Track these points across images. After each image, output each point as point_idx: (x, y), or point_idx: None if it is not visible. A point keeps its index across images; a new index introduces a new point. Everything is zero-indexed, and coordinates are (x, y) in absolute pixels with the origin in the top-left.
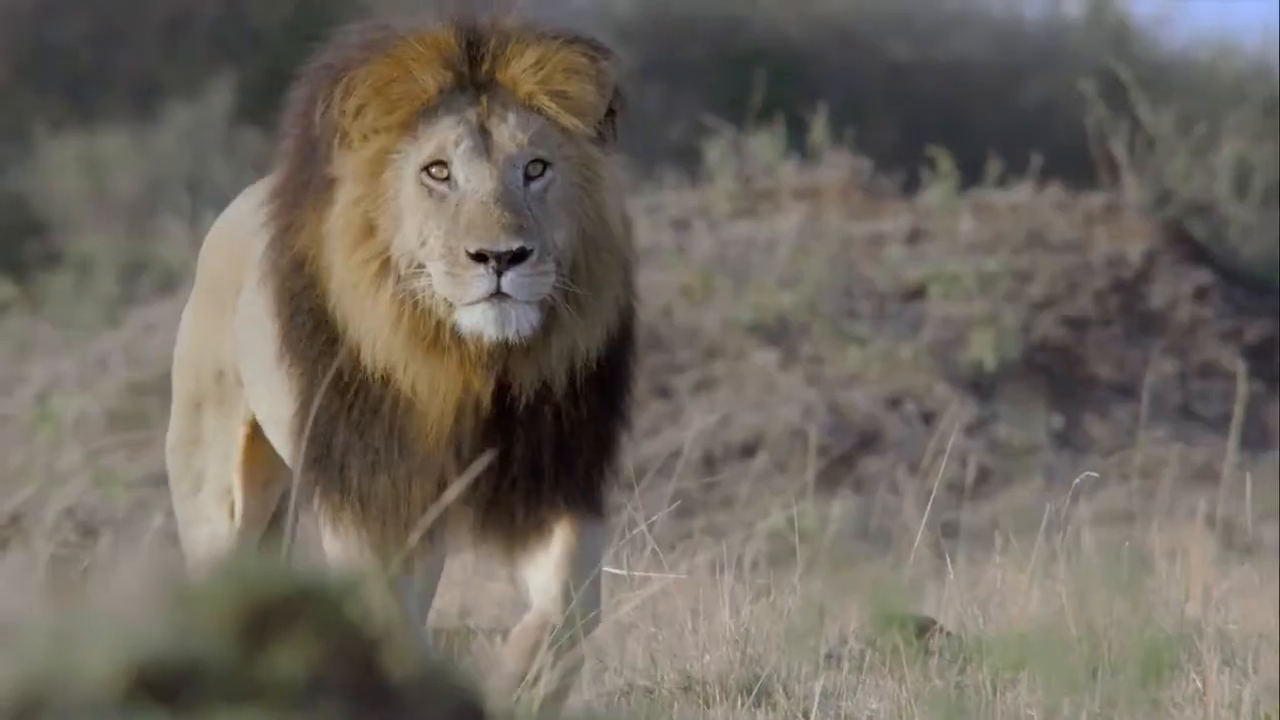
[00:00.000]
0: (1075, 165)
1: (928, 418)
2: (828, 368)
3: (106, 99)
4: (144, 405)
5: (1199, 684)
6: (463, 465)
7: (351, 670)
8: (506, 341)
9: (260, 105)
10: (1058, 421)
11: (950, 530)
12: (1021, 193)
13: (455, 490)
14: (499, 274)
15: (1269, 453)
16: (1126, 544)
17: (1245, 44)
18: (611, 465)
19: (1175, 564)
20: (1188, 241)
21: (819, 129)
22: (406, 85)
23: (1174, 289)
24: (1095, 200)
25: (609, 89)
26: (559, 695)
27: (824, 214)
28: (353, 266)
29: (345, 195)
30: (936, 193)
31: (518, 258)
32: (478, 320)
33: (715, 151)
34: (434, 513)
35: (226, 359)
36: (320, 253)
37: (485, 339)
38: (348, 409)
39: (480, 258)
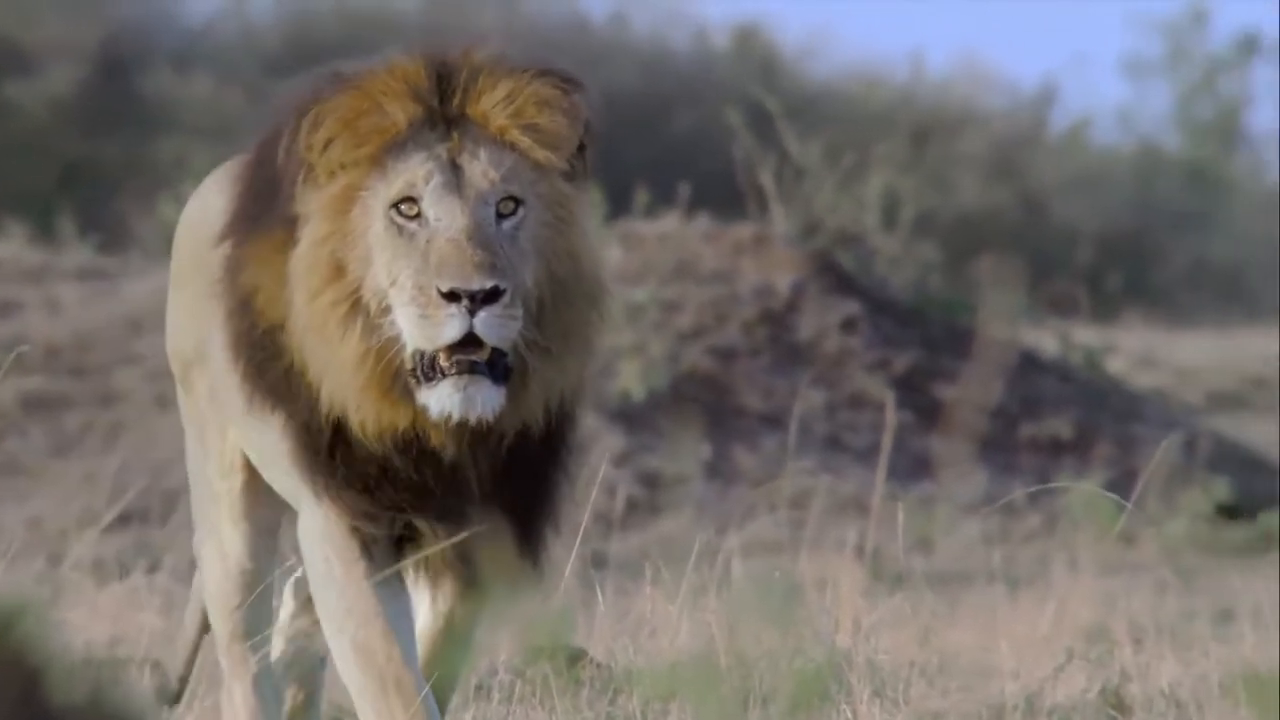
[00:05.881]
0: (723, 195)
1: None
2: None
3: None
4: None
5: (849, 714)
6: (428, 505)
7: (11, 698)
8: (471, 422)
9: None
10: (706, 452)
11: (599, 561)
12: (669, 223)
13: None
14: (472, 314)
15: (918, 483)
16: (776, 574)
17: (892, 76)
18: (568, 489)
19: (825, 594)
20: (835, 272)
21: None
22: (375, 119)
23: (822, 319)
24: (743, 230)
25: (581, 122)
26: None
27: None
28: (320, 308)
29: (311, 233)
30: None
31: (491, 297)
32: (444, 404)
33: None
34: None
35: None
36: (276, 291)
37: (453, 421)
38: (326, 441)
39: (453, 297)
